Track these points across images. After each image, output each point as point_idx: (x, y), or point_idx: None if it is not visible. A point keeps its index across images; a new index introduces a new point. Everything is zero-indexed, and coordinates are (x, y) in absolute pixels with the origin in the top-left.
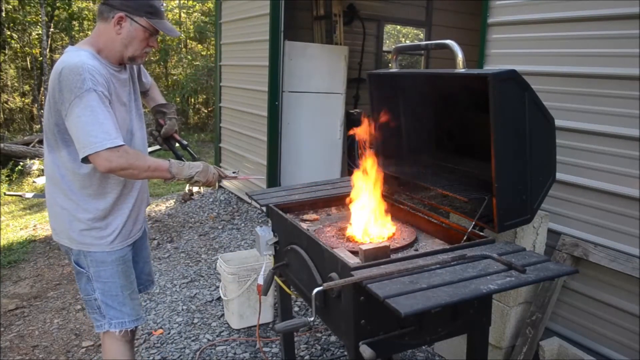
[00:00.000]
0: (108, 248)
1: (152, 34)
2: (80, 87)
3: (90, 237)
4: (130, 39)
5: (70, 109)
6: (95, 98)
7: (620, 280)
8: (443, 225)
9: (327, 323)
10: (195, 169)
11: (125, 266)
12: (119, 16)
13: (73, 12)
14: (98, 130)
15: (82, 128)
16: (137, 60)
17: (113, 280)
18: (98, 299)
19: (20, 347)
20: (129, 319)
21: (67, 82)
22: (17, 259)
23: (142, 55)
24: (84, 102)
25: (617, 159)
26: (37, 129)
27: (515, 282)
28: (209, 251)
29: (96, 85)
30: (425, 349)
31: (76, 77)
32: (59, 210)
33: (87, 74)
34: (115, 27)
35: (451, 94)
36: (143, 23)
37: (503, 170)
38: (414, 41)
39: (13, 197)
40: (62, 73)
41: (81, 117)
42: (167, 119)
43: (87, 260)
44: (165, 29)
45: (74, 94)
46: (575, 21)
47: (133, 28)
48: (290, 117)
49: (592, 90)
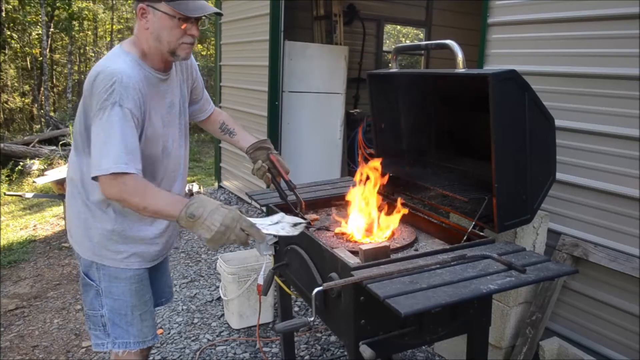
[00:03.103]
0: (123, 265)
1: (183, 20)
2: (107, 98)
3: (106, 250)
4: (159, 31)
5: (93, 119)
6: (118, 113)
7: (620, 280)
8: (443, 225)
9: (327, 323)
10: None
11: (140, 285)
12: (140, 7)
13: (73, 12)
14: (108, 151)
15: (96, 144)
16: (178, 54)
17: (124, 299)
18: (105, 316)
19: (20, 347)
20: (134, 340)
21: (98, 88)
22: (17, 259)
23: (183, 48)
24: (105, 115)
25: (617, 159)
26: (37, 129)
27: (515, 282)
28: (209, 251)
29: (123, 100)
30: (425, 349)
31: (106, 86)
32: (76, 215)
33: (118, 86)
34: (142, 22)
35: (451, 94)
36: (163, 9)
37: (503, 170)
38: (414, 41)
39: (13, 197)
40: (97, 77)
41: (99, 133)
42: (275, 154)
43: (99, 273)
44: (188, 9)
45: (99, 104)
46: (575, 21)
47: (157, 18)
48: (290, 117)
49: (592, 90)
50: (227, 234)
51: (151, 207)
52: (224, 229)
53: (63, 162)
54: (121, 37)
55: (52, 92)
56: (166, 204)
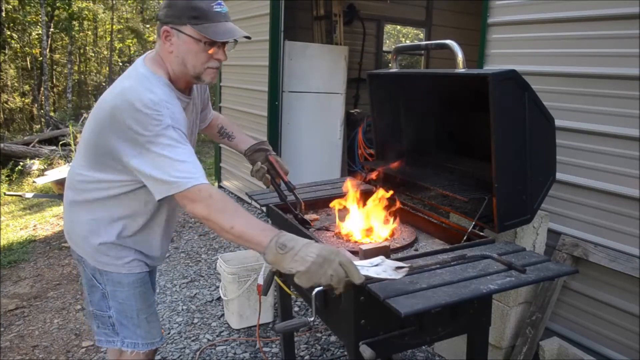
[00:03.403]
0: (125, 270)
1: (209, 43)
2: (159, 124)
3: (107, 257)
4: (183, 55)
5: (147, 146)
6: (175, 135)
7: (620, 280)
8: (443, 225)
9: (327, 323)
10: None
11: (143, 289)
12: (164, 30)
13: (73, 12)
14: (183, 168)
15: (162, 167)
16: (202, 79)
17: (129, 303)
18: (113, 317)
19: (20, 347)
20: (142, 342)
21: (143, 117)
22: (17, 259)
23: (208, 72)
24: (163, 139)
25: (617, 159)
26: (37, 129)
27: (515, 282)
28: (209, 251)
29: (176, 123)
30: (425, 349)
31: (154, 115)
32: (76, 220)
33: (166, 111)
34: (166, 44)
35: (451, 94)
36: (188, 32)
37: (503, 170)
38: (414, 41)
39: (13, 197)
40: (136, 106)
41: (162, 156)
42: (273, 155)
43: (102, 277)
44: (216, 33)
45: (152, 132)
46: (575, 21)
47: (182, 41)
48: (290, 117)
49: (592, 90)
50: (325, 267)
51: (238, 228)
52: (322, 260)
53: (63, 162)
54: (121, 37)
55: (52, 92)
56: (255, 228)
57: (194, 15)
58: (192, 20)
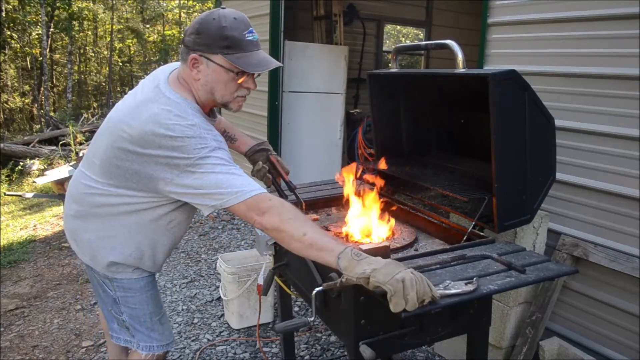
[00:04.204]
0: (136, 275)
1: (240, 73)
2: (204, 147)
3: (117, 266)
4: (212, 84)
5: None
6: (224, 154)
7: (620, 280)
8: (443, 225)
9: (327, 323)
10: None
11: (154, 291)
12: (192, 58)
13: (73, 12)
14: (237, 180)
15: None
16: (230, 107)
17: (141, 307)
18: (126, 321)
19: (20, 347)
20: (157, 344)
21: (186, 144)
22: (17, 259)
23: (237, 101)
24: (211, 159)
25: (617, 159)
26: (37, 129)
27: (515, 282)
28: (209, 251)
29: (220, 144)
30: (425, 349)
31: (198, 141)
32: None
33: (209, 136)
34: (193, 72)
35: (451, 94)
36: (219, 61)
37: (503, 170)
38: (414, 41)
39: (13, 197)
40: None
41: (210, 173)
42: (274, 155)
43: (113, 284)
44: (250, 64)
45: (198, 155)
46: (575, 21)
47: (211, 70)
48: (290, 117)
49: (592, 90)
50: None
51: (310, 235)
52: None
53: (63, 162)
54: (121, 37)
55: (52, 92)
56: (326, 236)
57: (226, 45)
58: (224, 50)
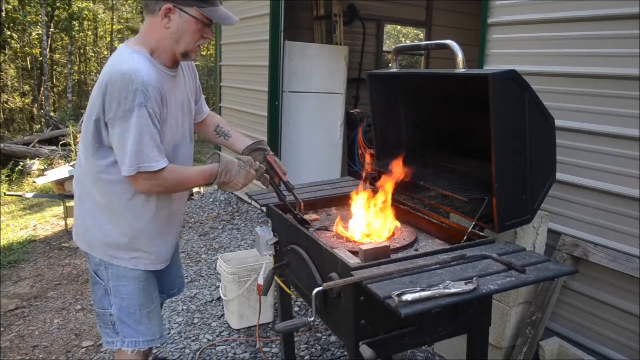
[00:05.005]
0: (131, 265)
1: (206, 25)
2: (132, 100)
3: (114, 249)
4: (181, 33)
5: (115, 121)
6: (144, 115)
7: (620, 280)
8: (443, 225)
9: (327, 323)
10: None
11: (147, 283)
12: (166, 8)
13: (73, 12)
14: (140, 151)
15: (125, 146)
16: (190, 55)
17: (132, 297)
18: (114, 315)
19: (20, 347)
20: (143, 339)
21: (117, 91)
22: (17, 259)
23: (196, 50)
24: (132, 117)
25: (617, 159)
26: (37, 129)
27: (515, 282)
28: (209, 251)
29: (148, 100)
30: (425, 349)
31: (128, 88)
32: (89, 215)
33: (140, 85)
34: (163, 21)
35: (451, 94)
36: (194, 13)
37: (503, 170)
38: (414, 41)
39: (13, 197)
40: (112, 78)
41: (125, 134)
42: (271, 155)
43: (107, 272)
44: (220, 17)
45: (122, 106)
46: (575, 21)
47: (183, 20)
48: (290, 117)
49: (592, 90)
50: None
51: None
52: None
53: (63, 162)
54: (121, 37)
55: (52, 92)
56: (201, 179)
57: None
58: (200, 3)
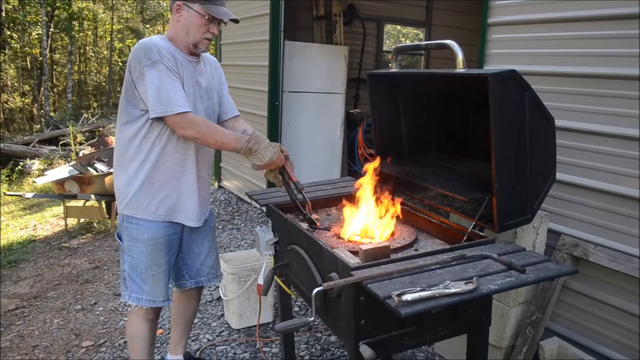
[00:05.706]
0: (151, 217)
1: (210, 20)
2: (149, 57)
3: (137, 203)
4: (188, 26)
5: (140, 78)
6: (162, 69)
7: (620, 280)
8: (443, 225)
9: (327, 323)
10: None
11: (155, 247)
12: (177, 5)
13: (73, 12)
14: (164, 95)
15: (151, 93)
16: (199, 47)
17: (140, 258)
18: (126, 271)
19: (20, 347)
20: (145, 298)
21: (136, 55)
22: (17, 259)
23: (203, 42)
24: (152, 70)
25: (617, 159)
26: (37, 129)
27: (515, 282)
28: None
29: (162, 57)
30: (425, 349)
31: (144, 50)
32: (121, 174)
33: (154, 47)
34: (175, 15)
35: (451, 94)
36: (197, 9)
37: (503, 170)
38: (414, 41)
39: (13, 197)
40: (133, 50)
41: (149, 84)
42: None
43: (125, 233)
44: (219, 13)
45: (142, 64)
46: (575, 21)
47: (190, 15)
48: (290, 117)
49: (592, 90)
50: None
51: (220, 139)
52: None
53: (63, 162)
54: (121, 37)
55: (52, 92)
56: (232, 139)
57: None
58: (203, 1)
